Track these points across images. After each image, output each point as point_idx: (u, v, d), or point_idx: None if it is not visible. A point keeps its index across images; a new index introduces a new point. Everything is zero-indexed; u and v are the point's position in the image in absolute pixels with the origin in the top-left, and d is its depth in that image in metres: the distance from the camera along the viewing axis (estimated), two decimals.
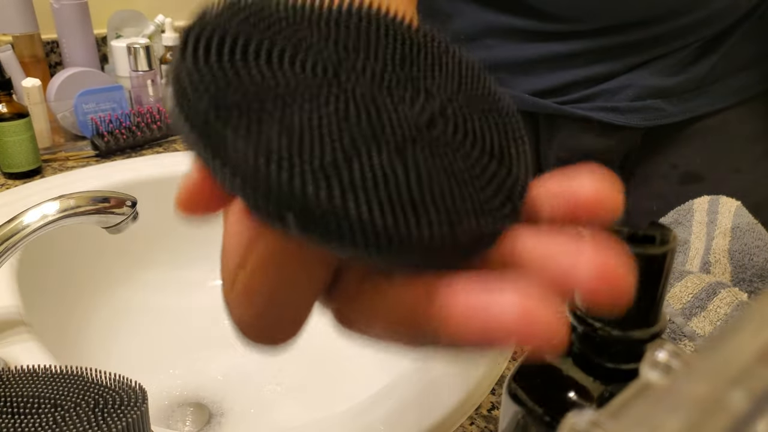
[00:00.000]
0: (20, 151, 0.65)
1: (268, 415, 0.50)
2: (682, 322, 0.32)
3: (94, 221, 0.42)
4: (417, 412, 0.34)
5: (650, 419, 0.13)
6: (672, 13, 0.54)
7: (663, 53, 0.57)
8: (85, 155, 0.73)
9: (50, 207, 0.39)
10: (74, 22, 0.84)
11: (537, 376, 0.25)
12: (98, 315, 0.56)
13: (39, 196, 0.42)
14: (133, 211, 0.43)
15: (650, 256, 0.21)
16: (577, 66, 0.57)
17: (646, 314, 0.22)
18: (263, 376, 0.54)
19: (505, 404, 0.25)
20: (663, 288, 0.22)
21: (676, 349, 0.18)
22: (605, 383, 0.23)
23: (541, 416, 0.23)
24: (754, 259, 0.33)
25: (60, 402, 0.23)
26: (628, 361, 0.23)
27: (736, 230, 0.35)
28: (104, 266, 0.59)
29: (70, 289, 0.56)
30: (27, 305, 0.44)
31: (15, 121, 0.64)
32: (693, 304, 0.32)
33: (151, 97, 0.82)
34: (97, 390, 0.23)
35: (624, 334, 0.22)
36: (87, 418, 0.22)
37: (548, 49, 0.57)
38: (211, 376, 0.54)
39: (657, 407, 0.13)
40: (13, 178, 0.66)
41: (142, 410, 0.23)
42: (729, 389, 0.12)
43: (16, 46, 0.81)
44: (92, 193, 0.41)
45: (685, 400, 0.12)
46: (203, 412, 0.50)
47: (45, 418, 0.22)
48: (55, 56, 0.93)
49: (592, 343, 0.23)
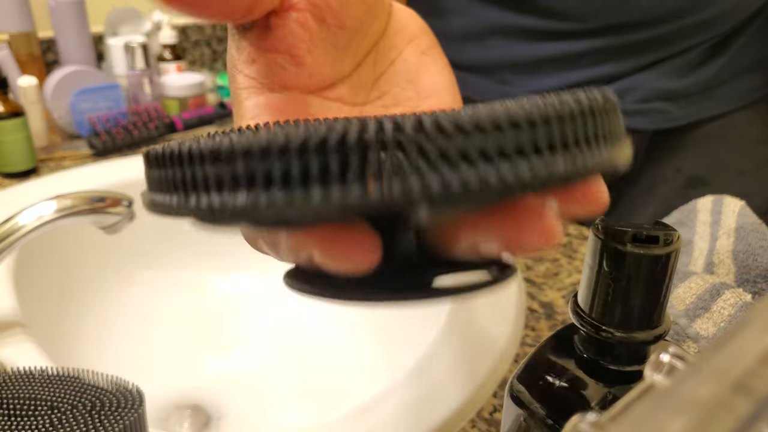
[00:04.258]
0: (16, 150, 0.65)
1: (267, 417, 0.50)
2: (686, 324, 0.32)
3: (91, 221, 0.41)
4: (418, 414, 0.34)
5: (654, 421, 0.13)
6: (678, 11, 0.54)
7: (670, 54, 0.57)
8: (82, 154, 0.72)
9: (46, 207, 0.39)
10: (71, 20, 0.84)
11: (540, 378, 0.24)
12: (95, 316, 0.56)
13: (35, 196, 0.41)
14: (129, 211, 0.42)
15: (654, 256, 0.21)
16: (583, 66, 0.57)
17: (649, 316, 0.22)
18: (262, 378, 0.54)
19: (507, 407, 0.25)
20: (667, 289, 0.22)
21: (679, 350, 0.18)
22: (608, 385, 0.23)
23: (544, 419, 0.23)
24: (758, 259, 0.32)
25: (56, 404, 0.22)
26: (631, 362, 0.23)
27: (740, 230, 0.35)
28: (101, 267, 0.59)
29: (66, 290, 0.55)
30: (23, 306, 0.44)
31: (11, 120, 0.64)
32: (697, 305, 0.32)
33: (148, 96, 0.81)
34: (94, 392, 0.23)
35: (627, 336, 0.22)
36: (84, 421, 0.22)
37: (554, 49, 0.57)
38: (210, 378, 0.53)
39: (660, 409, 0.13)
40: (9, 177, 0.66)
41: (140, 413, 0.22)
42: (733, 391, 0.12)
43: (12, 45, 0.81)
44: (89, 193, 0.41)
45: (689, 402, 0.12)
46: (201, 415, 0.50)
47: (41, 420, 0.22)
48: (51, 55, 0.93)
49: (595, 345, 0.23)
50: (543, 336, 0.44)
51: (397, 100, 0.25)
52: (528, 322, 0.45)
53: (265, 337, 0.58)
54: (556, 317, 0.46)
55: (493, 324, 0.43)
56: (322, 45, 0.22)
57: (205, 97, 0.86)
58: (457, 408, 0.35)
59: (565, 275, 0.52)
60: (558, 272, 0.52)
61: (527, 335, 0.44)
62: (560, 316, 0.46)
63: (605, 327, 0.22)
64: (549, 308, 0.47)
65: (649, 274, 0.22)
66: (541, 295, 0.49)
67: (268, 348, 0.57)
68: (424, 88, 0.25)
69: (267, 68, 0.22)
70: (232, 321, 0.60)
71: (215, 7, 0.19)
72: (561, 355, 0.24)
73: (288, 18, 0.21)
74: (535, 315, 0.46)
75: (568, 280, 0.51)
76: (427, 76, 0.25)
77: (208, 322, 0.59)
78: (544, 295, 0.49)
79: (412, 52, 0.25)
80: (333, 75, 0.23)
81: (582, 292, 0.23)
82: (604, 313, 0.23)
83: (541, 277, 0.51)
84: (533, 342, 0.43)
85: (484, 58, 0.60)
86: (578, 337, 0.24)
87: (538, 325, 0.45)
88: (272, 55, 0.22)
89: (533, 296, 0.49)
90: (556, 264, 0.53)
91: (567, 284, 0.50)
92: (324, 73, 0.23)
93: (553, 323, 0.45)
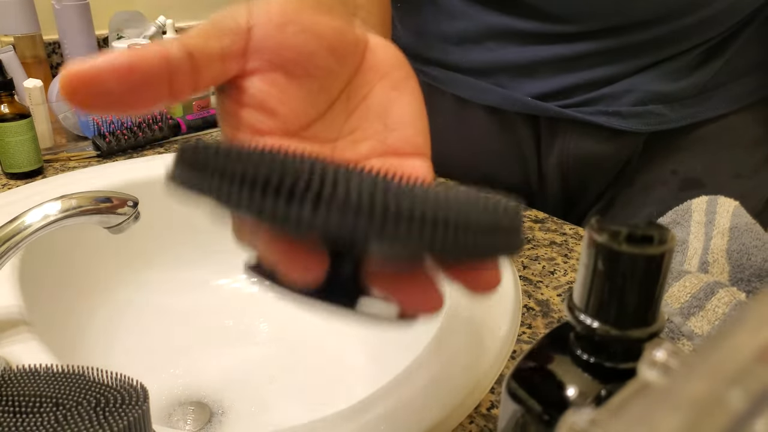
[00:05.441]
0: (22, 151, 0.65)
1: (269, 413, 0.51)
2: (681, 322, 0.32)
3: (96, 221, 0.42)
4: (417, 411, 0.35)
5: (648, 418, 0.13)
6: (675, 12, 0.54)
7: (666, 57, 0.57)
8: (87, 155, 0.73)
9: (52, 207, 0.39)
10: (76, 22, 0.84)
11: (536, 375, 0.25)
12: (100, 314, 0.57)
13: (41, 196, 0.42)
14: (134, 211, 0.43)
15: (648, 256, 0.22)
16: (579, 69, 0.57)
17: (644, 313, 0.23)
18: (264, 374, 0.54)
19: (504, 403, 0.25)
20: (661, 287, 0.22)
21: (674, 348, 0.18)
22: (604, 382, 0.23)
23: (540, 415, 0.24)
24: (752, 258, 0.33)
25: (61, 401, 0.23)
26: (626, 360, 0.23)
27: (735, 230, 0.35)
28: (106, 266, 0.59)
29: (71, 288, 0.56)
30: (29, 305, 0.44)
31: (17, 122, 0.64)
32: (691, 303, 0.32)
33: None
34: (99, 389, 0.23)
35: (622, 333, 0.23)
36: (88, 417, 0.22)
37: (550, 52, 0.57)
38: (212, 375, 0.54)
39: (655, 406, 0.13)
40: (14, 178, 0.67)
41: (144, 409, 0.23)
42: (727, 388, 0.12)
43: (17, 47, 0.81)
44: (94, 194, 0.42)
45: (683, 399, 0.12)
46: (204, 411, 0.50)
47: (46, 417, 0.22)
48: (56, 57, 0.93)
49: (590, 343, 0.24)
50: (539, 333, 0.44)
51: (366, 135, 0.27)
52: (524, 320, 0.46)
53: (267, 336, 0.59)
54: (552, 315, 0.47)
55: (490, 322, 0.43)
56: (294, 94, 0.24)
57: (209, 99, 0.87)
58: (456, 404, 0.36)
59: (561, 274, 0.52)
60: (554, 271, 0.52)
61: (524, 333, 0.44)
62: (556, 314, 0.47)
63: (600, 325, 0.23)
64: (545, 306, 0.47)
65: (643, 273, 0.22)
66: (537, 294, 0.49)
67: (269, 346, 0.58)
68: (391, 121, 0.26)
69: (243, 120, 0.24)
70: (235, 319, 0.60)
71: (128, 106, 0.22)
72: (557, 353, 0.25)
73: (253, 80, 0.23)
74: (532, 313, 0.47)
75: (564, 279, 0.51)
76: (395, 110, 0.26)
77: (211, 321, 0.60)
78: (541, 293, 0.49)
79: (383, 87, 0.27)
80: (307, 117, 0.25)
81: (578, 291, 0.24)
82: (600, 311, 0.23)
83: (538, 275, 0.52)
84: (530, 339, 0.44)
85: (482, 60, 0.60)
86: (574, 334, 0.24)
87: (534, 322, 0.46)
88: (246, 109, 0.24)
89: (530, 294, 0.49)
90: (553, 263, 0.54)
91: (563, 282, 0.51)
92: (298, 117, 0.25)
93: (549, 321, 0.46)
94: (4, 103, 0.64)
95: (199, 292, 0.61)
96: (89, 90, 0.20)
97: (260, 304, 0.60)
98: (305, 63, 0.24)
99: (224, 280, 0.63)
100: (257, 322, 0.60)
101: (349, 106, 0.26)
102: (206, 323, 0.59)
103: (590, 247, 0.22)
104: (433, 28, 0.61)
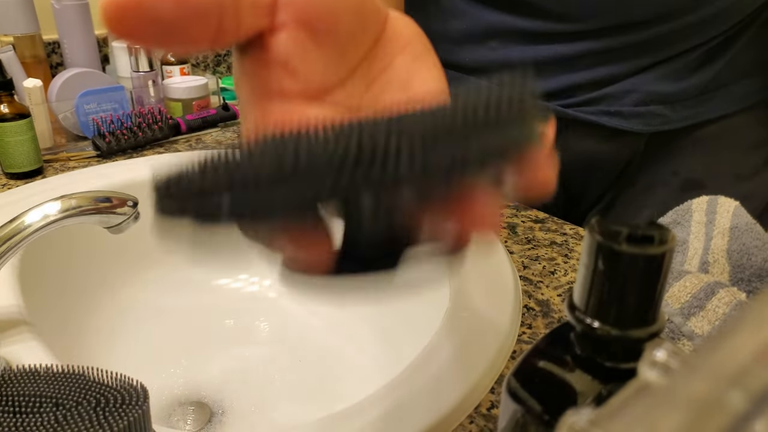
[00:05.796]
0: (22, 151, 0.65)
1: (269, 414, 0.51)
2: (681, 322, 0.32)
3: (96, 221, 0.42)
4: (417, 411, 0.35)
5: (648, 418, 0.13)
6: (676, 11, 0.54)
7: (667, 57, 0.57)
8: (87, 155, 0.73)
9: (52, 207, 0.39)
10: (75, 22, 0.84)
11: (536, 375, 0.25)
12: (100, 314, 0.57)
13: (40, 196, 0.42)
14: (134, 211, 0.43)
15: (649, 256, 0.22)
16: (581, 68, 0.57)
17: (644, 313, 0.23)
18: (264, 375, 0.54)
19: (504, 403, 0.25)
20: (661, 287, 0.22)
21: (674, 348, 0.18)
22: (604, 382, 0.23)
23: (540, 415, 0.24)
24: (752, 258, 0.33)
25: (61, 401, 0.23)
26: (626, 360, 0.23)
27: (735, 230, 0.35)
28: (105, 266, 0.59)
29: (71, 288, 0.56)
30: (28, 305, 0.44)
31: (16, 122, 0.64)
32: (691, 303, 0.32)
33: (152, 98, 0.82)
34: (99, 389, 0.23)
35: (622, 333, 0.23)
36: (88, 417, 0.22)
37: (552, 51, 0.57)
38: (213, 375, 0.54)
39: (655, 406, 0.13)
40: (14, 178, 0.67)
41: (144, 409, 0.23)
42: (727, 389, 0.12)
43: (17, 47, 0.81)
44: (94, 193, 0.42)
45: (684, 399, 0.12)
46: (204, 411, 0.50)
47: (46, 417, 0.22)
48: (56, 57, 0.93)
49: (591, 343, 0.24)
50: (539, 333, 0.44)
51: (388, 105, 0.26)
52: (525, 320, 0.46)
53: (267, 335, 0.59)
54: (553, 315, 0.47)
55: (490, 321, 0.43)
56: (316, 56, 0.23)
57: (208, 99, 0.87)
58: (456, 404, 0.36)
59: (561, 274, 0.52)
60: (554, 271, 0.52)
61: (524, 333, 0.44)
62: (556, 314, 0.47)
63: (601, 325, 0.23)
64: (545, 306, 0.48)
65: (644, 273, 0.22)
66: (537, 294, 0.49)
67: (270, 346, 0.58)
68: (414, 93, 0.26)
69: (265, 80, 0.23)
70: (235, 319, 0.60)
71: (175, 37, 0.20)
72: (557, 353, 0.25)
73: (280, 36, 0.23)
74: (532, 313, 0.47)
75: (564, 279, 0.51)
76: (417, 81, 0.26)
77: (211, 321, 0.60)
78: (541, 293, 0.49)
79: (405, 59, 0.26)
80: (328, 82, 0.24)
81: (578, 291, 0.24)
82: (600, 311, 0.23)
83: (538, 275, 0.52)
84: (530, 339, 0.44)
85: (484, 60, 0.60)
86: (574, 334, 0.24)
87: (534, 322, 0.46)
88: (268, 69, 0.23)
89: (530, 294, 0.49)
90: (553, 263, 0.54)
91: (563, 283, 0.51)
92: (319, 81, 0.24)
93: (549, 321, 0.46)
94: (4, 103, 0.64)
95: (199, 292, 0.61)
96: (141, 14, 0.19)
97: (260, 304, 0.60)
98: (331, 22, 0.23)
99: (224, 280, 0.63)
100: (257, 322, 0.60)
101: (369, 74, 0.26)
102: (206, 323, 0.59)
103: (590, 247, 0.22)
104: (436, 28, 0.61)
